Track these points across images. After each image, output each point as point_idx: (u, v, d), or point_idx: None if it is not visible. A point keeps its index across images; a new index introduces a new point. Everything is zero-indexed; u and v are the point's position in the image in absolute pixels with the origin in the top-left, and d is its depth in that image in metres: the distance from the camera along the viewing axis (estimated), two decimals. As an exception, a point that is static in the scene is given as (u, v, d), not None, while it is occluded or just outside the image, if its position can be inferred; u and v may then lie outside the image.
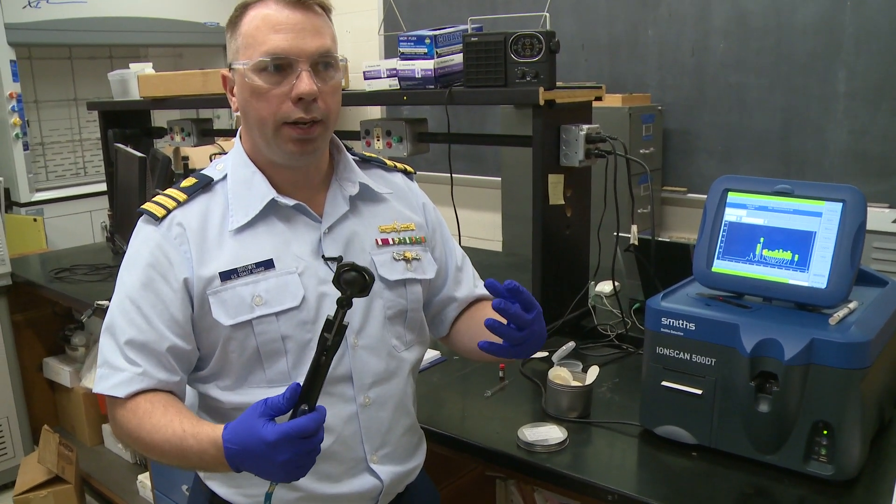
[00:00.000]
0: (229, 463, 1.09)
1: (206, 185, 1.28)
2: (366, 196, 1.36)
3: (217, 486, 1.35)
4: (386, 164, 1.46)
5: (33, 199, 4.66)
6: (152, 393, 1.22)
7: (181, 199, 1.26)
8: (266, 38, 1.19)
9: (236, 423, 1.09)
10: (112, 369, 1.22)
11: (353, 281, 1.09)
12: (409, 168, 1.50)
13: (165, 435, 1.16)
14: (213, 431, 1.12)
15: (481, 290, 1.52)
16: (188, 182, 1.30)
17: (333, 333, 1.08)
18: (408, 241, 1.38)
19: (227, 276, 1.22)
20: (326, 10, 1.25)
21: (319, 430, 1.06)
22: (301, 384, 1.07)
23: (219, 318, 1.21)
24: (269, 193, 1.26)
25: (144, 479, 2.97)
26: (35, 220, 4.54)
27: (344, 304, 1.09)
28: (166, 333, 1.22)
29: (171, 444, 1.15)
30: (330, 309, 1.18)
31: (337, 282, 1.10)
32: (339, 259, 1.28)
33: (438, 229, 1.48)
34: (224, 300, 1.22)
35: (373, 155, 1.46)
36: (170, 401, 1.22)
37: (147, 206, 1.27)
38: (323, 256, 1.28)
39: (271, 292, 1.23)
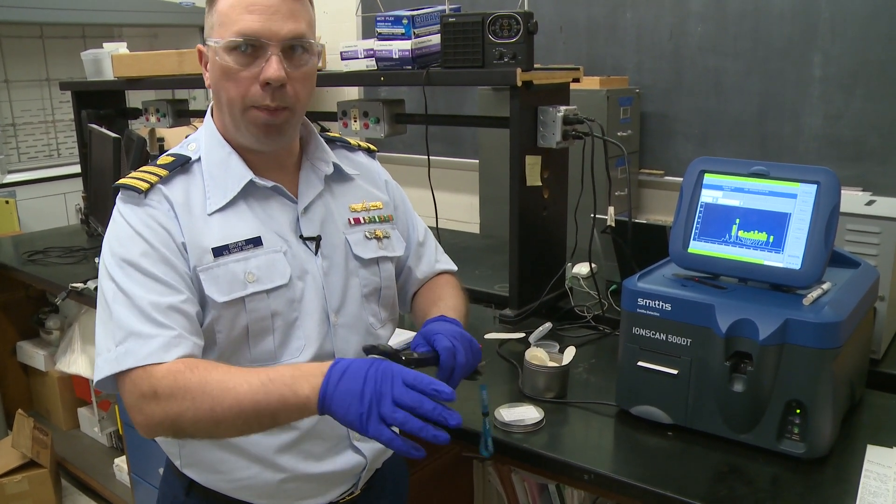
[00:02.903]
0: (329, 373, 1.04)
1: (184, 163, 1.26)
2: (336, 176, 1.37)
3: (196, 473, 1.31)
4: (349, 143, 1.47)
5: (5, 181, 4.59)
6: (192, 358, 1.12)
7: (162, 175, 1.23)
8: (239, 17, 1.17)
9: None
10: (141, 339, 1.10)
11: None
12: (371, 147, 1.50)
13: (246, 375, 1.07)
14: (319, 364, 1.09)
15: (442, 264, 1.55)
16: (165, 159, 1.27)
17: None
18: (377, 220, 1.39)
19: (219, 251, 1.20)
20: None
21: (442, 400, 1.04)
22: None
23: (211, 295, 1.18)
24: (247, 174, 1.25)
25: (121, 462, 2.96)
26: (7, 202, 4.47)
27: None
28: (189, 295, 1.16)
29: (256, 381, 1.06)
30: (312, 288, 1.26)
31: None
32: (317, 238, 1.28)
33: (401, 205, 1.49)
34: (216, 276, 1.19)
35: (336, 134, 1.46)
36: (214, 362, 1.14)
37: (126, 180, 1.22)
38: (301, 236, 1.28)
39: (262, 269, 1.22)
